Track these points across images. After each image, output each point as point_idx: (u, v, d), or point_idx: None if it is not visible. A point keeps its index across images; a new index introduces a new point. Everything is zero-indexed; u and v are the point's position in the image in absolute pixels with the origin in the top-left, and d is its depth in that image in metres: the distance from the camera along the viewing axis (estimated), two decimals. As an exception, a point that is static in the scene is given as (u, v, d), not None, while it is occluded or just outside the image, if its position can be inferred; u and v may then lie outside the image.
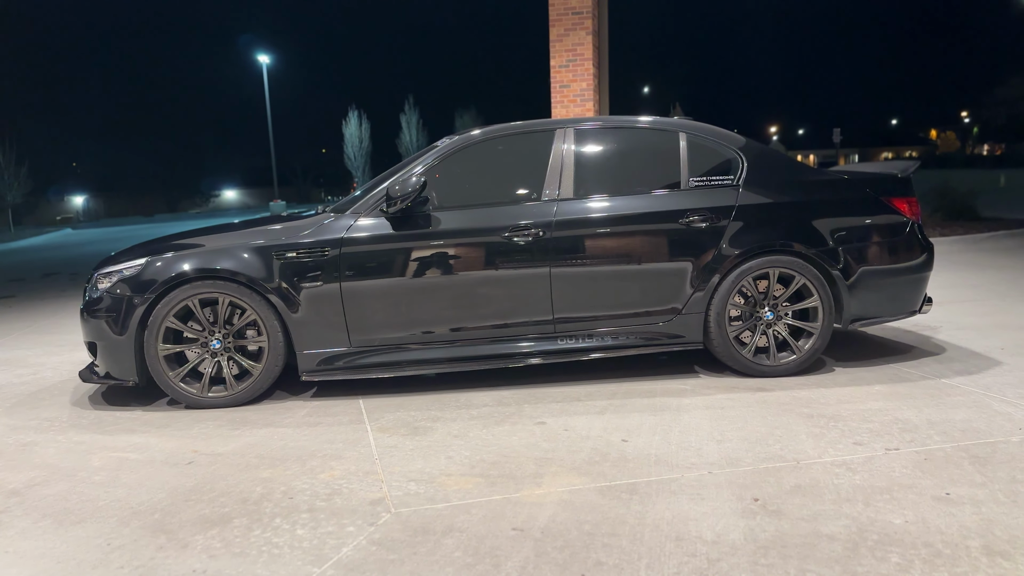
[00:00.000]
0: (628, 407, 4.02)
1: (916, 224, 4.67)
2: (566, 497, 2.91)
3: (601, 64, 12.77)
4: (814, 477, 3.01)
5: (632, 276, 4.43)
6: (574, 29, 12.05)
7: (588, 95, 12.24)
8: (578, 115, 12.20)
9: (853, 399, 4.01)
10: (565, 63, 12.17)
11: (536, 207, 4.43)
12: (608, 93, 13.02)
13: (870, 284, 4.55)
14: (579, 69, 12.17)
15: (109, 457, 3.58)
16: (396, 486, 3.07)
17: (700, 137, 4.65)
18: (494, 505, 2.86)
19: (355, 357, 4.37)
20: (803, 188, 4.58)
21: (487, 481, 3.09)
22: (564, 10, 12.03)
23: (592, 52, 12.09)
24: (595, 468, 3.18)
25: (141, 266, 4.32)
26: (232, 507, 2.94)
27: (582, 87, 12.22)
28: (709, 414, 3.85)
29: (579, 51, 12.10)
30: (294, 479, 3.19)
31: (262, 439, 3.74)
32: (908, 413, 3.75)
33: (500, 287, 4.38)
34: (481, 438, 3.62)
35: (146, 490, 3.14)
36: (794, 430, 3.57)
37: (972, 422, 3.59)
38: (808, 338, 4.51)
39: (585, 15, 11.95)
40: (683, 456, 3.29)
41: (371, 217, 4.38)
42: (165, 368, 4.27)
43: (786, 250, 4.45)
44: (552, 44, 12.12)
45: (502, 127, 4.68)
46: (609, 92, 13.34)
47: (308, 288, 4.28)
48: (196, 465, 3.42)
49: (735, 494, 2.88)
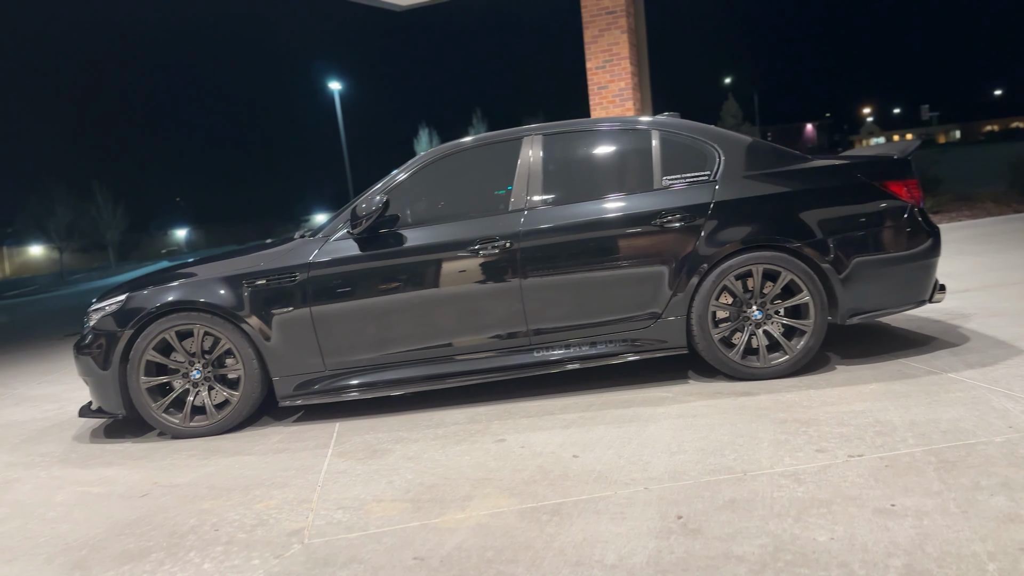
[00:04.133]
0: (598, 419, 3.86)
1: (916, 208, 4.33)
2: (484, 521, 2.79)
3: (641, 62, 12.53)
4: (754, 490, 2.80)
5: (605, 283, 4.26)
6: (609, 29, 11.88)
7: (627, 95, 12.04)
8: (618, 115, 12.00)
9: (840, 400, 3.74)
10: (602, 64, 12.01)
11: (503, 219, 4.32)
12: (650, 91, 12.75)
13: (867, 275, 4.24)
14: (616, 69, 11.98)
15: (73, 492, 3.66)
16: (323, 515, 3.02)
17: (674, 134, 4.45)
18: (408, 532, 2.77)
19: (331, 380, 4.36)
20: (787, 179, 4.32)
21: (415, 506, 3.00)
22: (598, 11, 11.87)
23: (629, 51, 11.88)
24: (530, 488, 3.05)
25: (121, 302, 4.44)
26: (158, 541, 2.95)
27: (620, 87, 12.02)
28: (677, 424, 3.66)
29: (615, 51, 11.92)
30: (230, 510, 3.19)
31: (223, 468, 3.76)
32: (893, 414, 3.46)
33: (470, 302, 4.29)
34: (433, 459, 3.53)
35: (90, 525, 3.19)
36: (759, 438, 3.34)
37: (960, 421, 3.28)
38: (801, 337, 4.24)
39: (619, 14, 11.75)
40: (627, 472, 3.12)
41: (339, 239, 4.37)
42: (148, 400, 4.36)
43: (769, 245, 4.20)
44: (587, 46, 11.98)
45: (470, 139, 4.60)
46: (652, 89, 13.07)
47: (279, 314, 4.29)
48: (149, 497, 3.46)
49: (661, 512, 2.70)
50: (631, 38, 11.99)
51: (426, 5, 13.81)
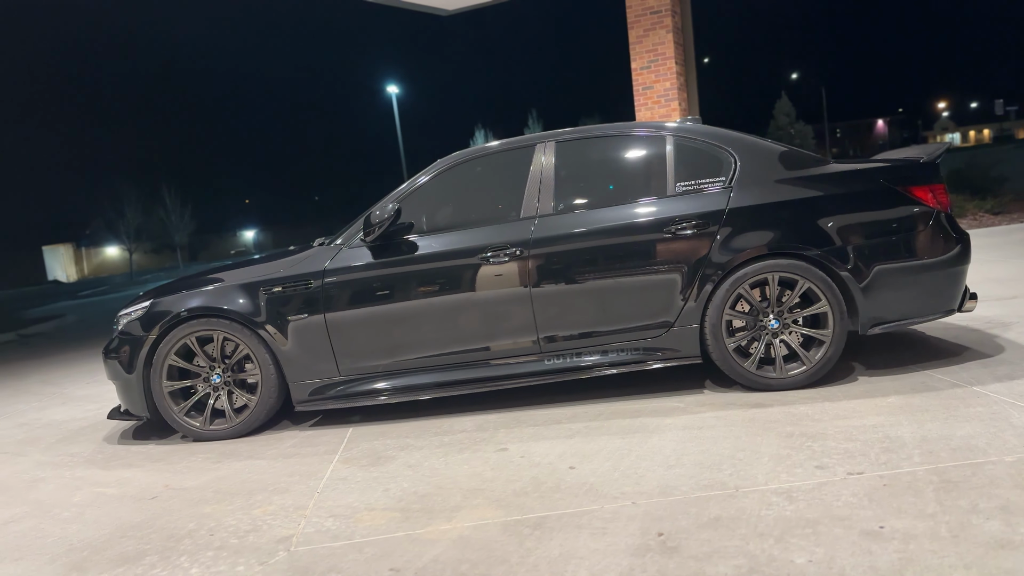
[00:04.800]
0: (604, 429, 3.82)
1: (942, 214, 4.16)
2: (467, 533, 2.79)
3: (687, 61, 12.38)
4: (743, 507, 2.73)
5: (616, 291, 4.21)
6: (654, 29, 11.76)
7: (672, 95, 11.90)
8: (662, 116, 11.88)
9: (853, 414, 3.62)
10: (647, 64, 11.90)
11: (514, 226, 4.31)
12: (697, 90, 12.58)
13: (889, 283, 4.10)
14: (661, 69, 11.85)
15: (90, 493, 3.79)
16: (315, 522, 3.06)
17: (688, 139, 4.37)
18: (391, 543, 2.79)
19: (347, 386, 4.41)
20: (805, 184, 4.20)
21: (404, 516, 3.02)
22: (642, 11, 11.77)
23: (674, 50, 11.75)
24: (519, 500, 3.04)
25: (146, 308, 4.57)
26: (155, 544, 3.02)
27: (665, 87, 11.89)
28: (682, 435, 3.60)
29: (660, 51, 11.80)
30: (229, 514, 3.25)
31: (233, 472, 3.85)
32: (905, 429, 3.34)
33: (481, 310, 4.29)
34: (432, 468, 3.55)
35: (98, 526, 3.30)
36: (761, 452, 3.26)
37: (973, 439, 3.15)
38: (819, 347, 4.12)
39: (664, 13, 11.62)
40: (619, 485, 3.08)
41: (353, 247, 4.43)
42: (170, 404, 4.48)
43: (785, 253, 4.10)
44: (632, 46, 11.88)
45: (482, 147, 4.61)
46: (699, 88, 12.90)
47: (294, 320, 4.37)
48: (158, 500, 3.56)
49: (643, 528, 2.66)
50: (676, 38, 11.85)
51: (473, 8, 13.87)
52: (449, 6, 13.50)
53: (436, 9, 13.81)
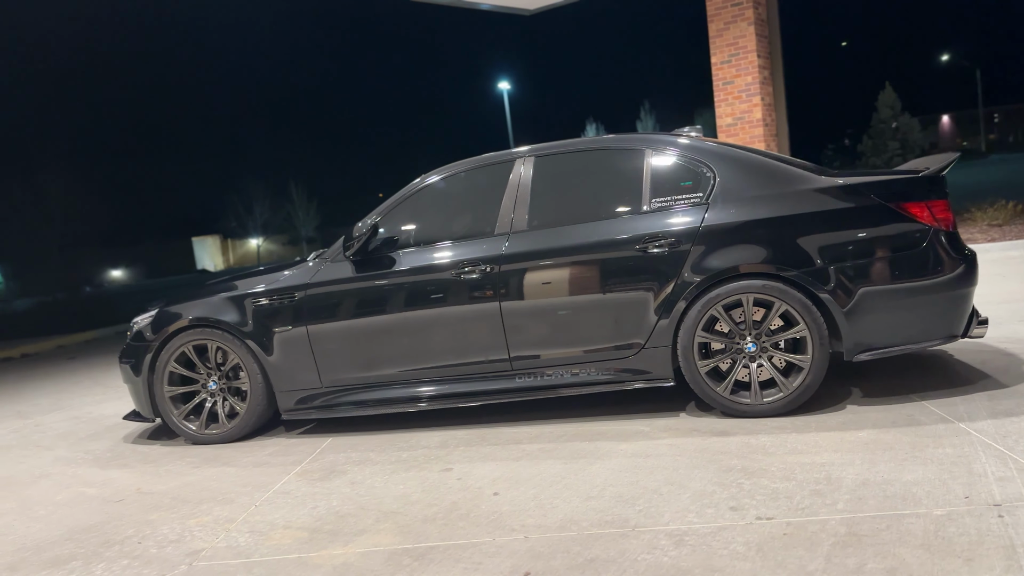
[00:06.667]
0: (555, 452, 3.76)
1: (941, 232, 3.82)
2: (352, 560, 2.81)
3: (773, 54, 11.90)
4: (626, 549, 2.63)
5: (586, 309, 4.12)
6: (735, 22, 11.40)
7: (754, 90, 11.49)
8: (743, 112, 11.49)
9: (813, 449, 3.40)
10: (727, 58, 11.54)
11: (487, 242, 4.29)
12: (784, 84, 12.05)
13: (877, 307, 3.81)
14: (742, 63, 11.46)
15: (74, 492, 4.06)
16: (232, 536, 3.17)
17: (668, 153, 4.21)
18: (281, 564, 2.85)
19: (330, 397, 4.53)
20: (786, 200, 3.96)
21: (310, 536, 3.08)
22: (723, 3, 11.42)
23: (756, 43, 11.33)
24: (424, 527, 3.04)
25: (153, 316, 4.84)
26: (89, 548, 3.22)
27: (747, 81, 11.49)
28: (624, 463, 3.48)
29: (741, 44, 11.41)
30: (168, 523, 3.41)
31: (202, 479, 4.03)
32: (853, 470, 3.10)
33: (453, 326, 4.30)
34: (370, 487, 3.59)
35: (56, 527, 3.54)
36: (687, 487, 3.11)
37: (917, 486, 2.89)
38: (798, 373, 3.89)
39: (745, 5, 11.23)
40: (527, 516, 3.02)
41: (336, 261, 4.53)
42: (171, 408, 4.74)
43: (760, 274, 3.88)
44: (712, 40, 11.55)
45: (467, 161, 4.60)
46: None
47: (279, 332, 4.52)
48: (123, 503, 3.77)
49: (514, 566, 2.60)
50: (759, 30, 11.41)
51: (555, 7, 13.79)
52: (530, 5, 13.48)
53: (518, 10, 13.83)
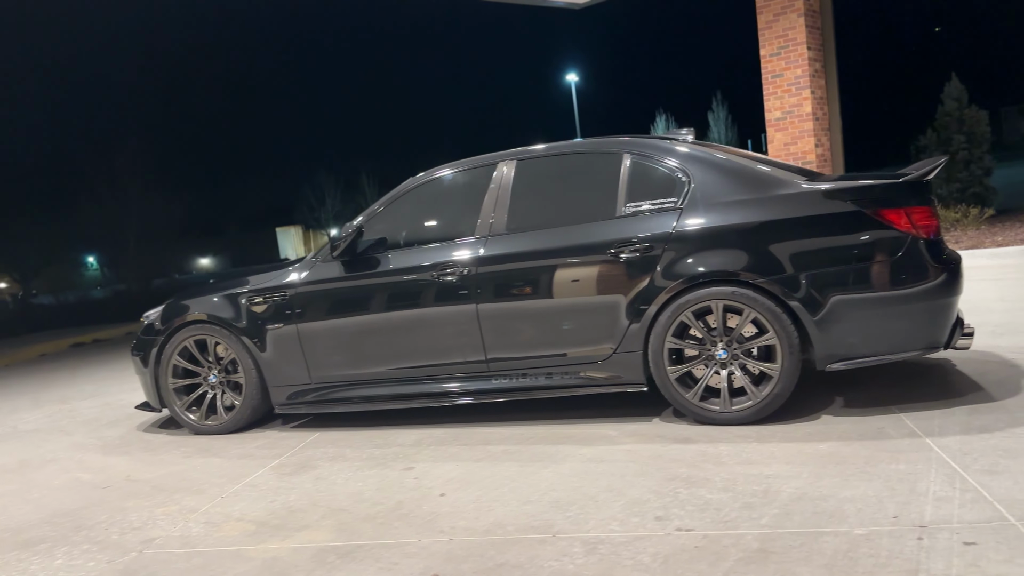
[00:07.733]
0: (516, 455, 3.80)
1: (921, 239, 3.70)
2: (283, 555, 2.93)
3: (825, 46, 11.59)
4: (535, 556, 2.66)
5: (558, 313, 4.14)
6: (784, 13, 11.16)
7: (804, 83, 11.24)
8: (793, 106, 11.22)
9: (766, 460, 3.35)
10: (776, 51, 11.31)
11: (466, 244, 4.35)
12: (836, 76, 11.71)
13: (850, 316, 3.72)
14: (792, 55, 11.22)
15: (71, 477, 4.32)
16: (189, 527, 3.33)
17: (645, 157, 4.18)
18: (219, 556, 2.98)
19: (320, 392, 4.68)
20: (760, 206, 3.89)
21: (256, 529, 3.21)
22: (772, -5, 11.14)
23: (805, 35, 11.06)
24: (361, 525, 3.13)
25: (160, 311, 5.08)
26: (61, 532, 3.43)
27: (796, 75, 11.24)
28: (575, 468, 3.51)
29: (791, 36, 11.16)
30: (139, 510, 3.60)
31: (188, 468, 4.22)
32: (795, 484, 3.05)
33: (433, 327, 4.38)
34: (331, 483, 3.71)
35: (41, 511, 3.77)
36: (625, 495, 3.12)
37: (853, 503, 2.83)
38: (768, 382, 3.83)
39: (795, -3, 10.94)
40: (459, 518, 3.08)
41: (325, 261, 4.66)
42: (174, 399, 4.97)
43: (729, 280, 3.84)
44: (761, 32, 11.33)
45: (450, 165, 4.67)
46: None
47: (272, 329, 4.69)
48: (109, 490, 4.00)
49: (424, 567, 2.67)
50: (810, 21, 11.13)
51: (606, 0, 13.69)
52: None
53: (570, 4, 13.79)
